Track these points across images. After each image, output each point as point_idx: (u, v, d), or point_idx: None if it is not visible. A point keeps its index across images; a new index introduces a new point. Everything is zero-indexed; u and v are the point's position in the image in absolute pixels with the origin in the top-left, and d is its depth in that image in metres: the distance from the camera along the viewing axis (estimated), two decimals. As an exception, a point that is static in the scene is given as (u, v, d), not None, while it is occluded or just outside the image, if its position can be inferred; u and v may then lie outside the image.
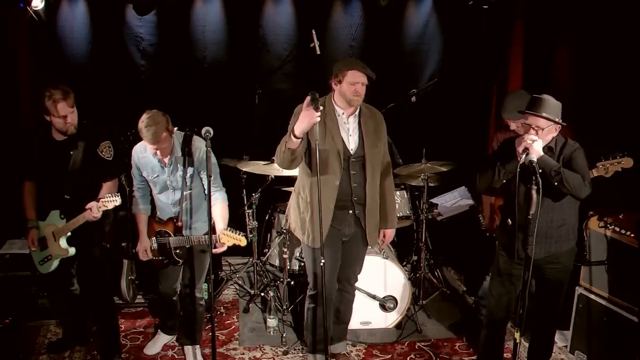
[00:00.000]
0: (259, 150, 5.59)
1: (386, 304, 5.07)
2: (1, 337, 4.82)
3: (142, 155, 4.32)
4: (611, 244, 4.41)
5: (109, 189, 4.26)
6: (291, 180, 4.99)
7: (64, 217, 4.26)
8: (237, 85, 6.26)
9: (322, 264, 3.95)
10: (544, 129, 3.77)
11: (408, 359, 4.83)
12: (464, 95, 6.62)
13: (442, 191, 6.01)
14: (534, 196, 3.65)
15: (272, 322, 5.10)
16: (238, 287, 5.94)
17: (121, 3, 5.96)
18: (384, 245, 4.66)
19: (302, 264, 5.26)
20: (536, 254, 3.81)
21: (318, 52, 5.55)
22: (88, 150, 4.20)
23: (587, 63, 5.39)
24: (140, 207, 4.46)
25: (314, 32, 5.54)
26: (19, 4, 5.42)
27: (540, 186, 3.62)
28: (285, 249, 5.24)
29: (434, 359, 4.84)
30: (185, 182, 4.28)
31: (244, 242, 4.19)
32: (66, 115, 4.08)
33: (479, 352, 4.49)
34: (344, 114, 4.14)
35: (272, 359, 4.81)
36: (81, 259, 4.41)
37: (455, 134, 6.60)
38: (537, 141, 3.72)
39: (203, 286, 4.62)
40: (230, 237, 4.17)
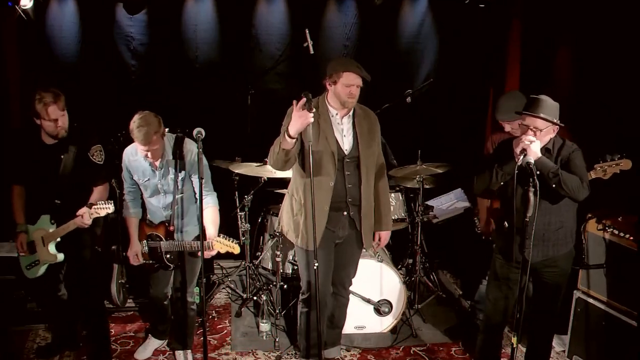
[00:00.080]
0: (251, 152, 5.56)
1: (381, 308, 5.05)
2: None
3: (133, 158, 4.28)
4: (610, 247, 4.40)
5: (100, 193, 4.26)
6: (284, 182, 4.98)
7: (54, 222, 4.24)
8: (230, 86, 6.27)
9: (316, 267, 3.92)
10: (541, 130, 3.76)
11: (403, 364, 4.84)
12: (459, 95, 6.62)
13: (438, 193, 6.01)
14: (532, 198, 3.63)
15: (265, 326, 5.07)
16: (230, 290, 5.90)
17: (111, 2, 5.96)
18: (378, 248, 4.64)
19: (296, 267, 5.24)
20: (533, 257, 3.82)
21: (312, 51, 5.54)
22: (79, 154, 4.18)
23: (585, 63, 5.40)
24: (131, 211, 4.42)
25: (307, 31, 5.53)
26: (7, 2, 5.41)
27: (538, 188, 3.60)
28: (278, 252, 5.24)
29: (429, 364, 4.84)
30: (177, 185, 4.25)
31: (237, 250, 4.18)
32: (57, 118, 4.05)
33: (476, 357, 4.47)
34: (337, 114, 4.13)
35: (264, 364, 4.79)
36: (71, 263, 4.38)
37: (451, 135, 6.60)
38: (535, 142, 3.71)
39: (194, 290, 4.58)
40: (224, 245, 4.15)
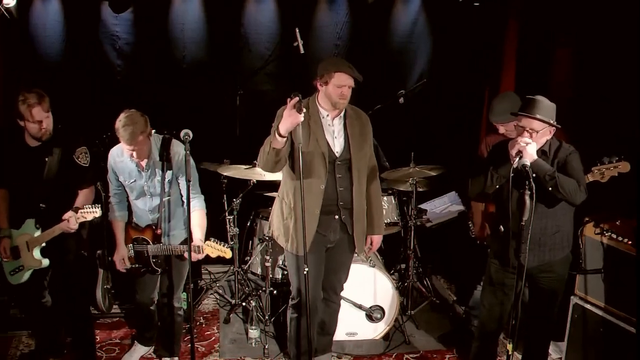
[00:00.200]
0: (240, 154, 5.53)
1: (373, 314, 5.03)
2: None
3: (119, 159, 4.26)
4: (607, 251, 4.35)
5: (85, 196, 4.24)
6: (274, 186, 5.02)
7: (39, 227, 4.22)
8: (218, 86, 6.23)
9: (306, 272, 3.91)
10: (538, 132, 3.75)
11: (396, 371, 4.83)
12: (454, 96, 6.61)
13: (432, 196, 5.99)
14: (527, 202, 3.63)
15: (254, 333, 5.05)
16: (218, 296, 5.87)
17: (96, 0, 5.90)
18: (371, 252, 4.62)
19: (285, 272, 5.26)
20: (529, 262, 3.79)
21: (302, 51, 5.54)
22: (64, 157, 4.17)
23: (584, 64, 5.39)
24: (116, 214, 4.41)
25: (297, 30, 5.53)
26: (-11, 1, 5.31)
27: (534, 191, 3.60)
28: (268, 257, 5.21)
29: (422, 371, 4.85)
30: (163, 188, 4.22)
31: (229, 254, 4.20)
32: (41, 120, 4.04)
33: (470, 364, 4.48)
34: (328, 115, 4.10)
35: (253, 371, 4.77)
36: (56, 268, 4.36)
37: (444, 136, 6.58)
38: (531, 144, 3.71)
39: (182, 295, 4.57)
40: (215, 249, 4.16)
